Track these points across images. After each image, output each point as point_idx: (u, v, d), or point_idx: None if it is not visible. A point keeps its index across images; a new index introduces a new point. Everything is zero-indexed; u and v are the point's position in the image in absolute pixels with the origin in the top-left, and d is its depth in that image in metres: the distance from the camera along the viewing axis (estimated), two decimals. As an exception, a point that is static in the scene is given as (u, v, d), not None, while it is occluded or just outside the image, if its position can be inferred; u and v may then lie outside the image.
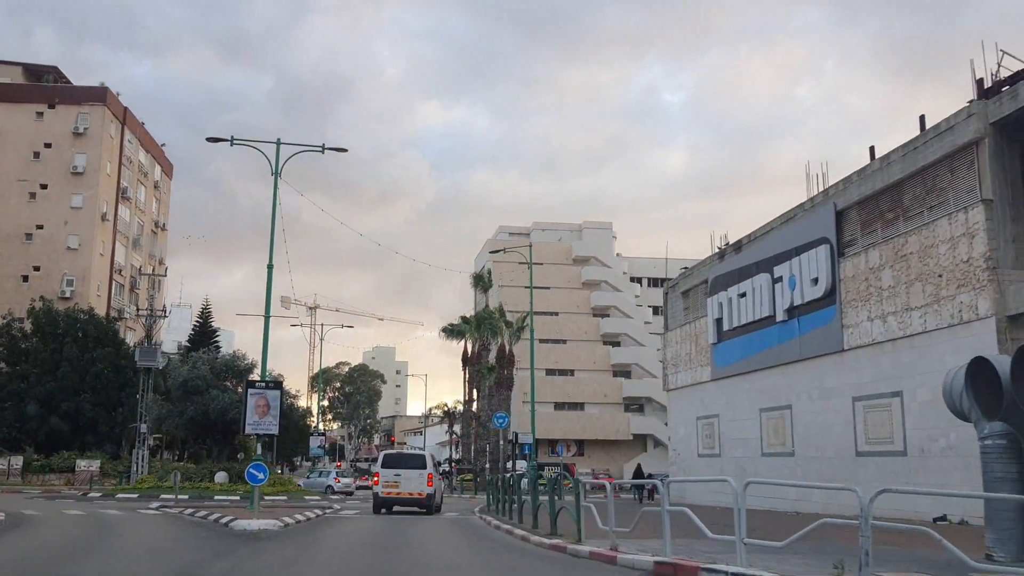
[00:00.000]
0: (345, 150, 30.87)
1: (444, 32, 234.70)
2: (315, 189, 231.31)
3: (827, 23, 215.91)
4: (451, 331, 70.70)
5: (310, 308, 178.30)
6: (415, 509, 26.78)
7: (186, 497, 37.69)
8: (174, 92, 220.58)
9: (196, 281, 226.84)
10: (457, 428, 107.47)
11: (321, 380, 66.72)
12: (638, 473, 43.54)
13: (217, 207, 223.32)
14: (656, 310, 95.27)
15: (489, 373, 62.53)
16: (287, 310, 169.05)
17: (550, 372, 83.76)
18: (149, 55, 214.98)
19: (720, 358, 34.06)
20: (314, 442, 60.23)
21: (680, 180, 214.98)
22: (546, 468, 59.67)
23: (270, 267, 29.48)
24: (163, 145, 78.04)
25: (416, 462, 27.26)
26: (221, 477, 42.79)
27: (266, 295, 29.10)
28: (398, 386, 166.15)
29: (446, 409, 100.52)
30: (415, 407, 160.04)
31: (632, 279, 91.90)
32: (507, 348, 60.80)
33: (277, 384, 29.80)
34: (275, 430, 29.47)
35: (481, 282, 63.81)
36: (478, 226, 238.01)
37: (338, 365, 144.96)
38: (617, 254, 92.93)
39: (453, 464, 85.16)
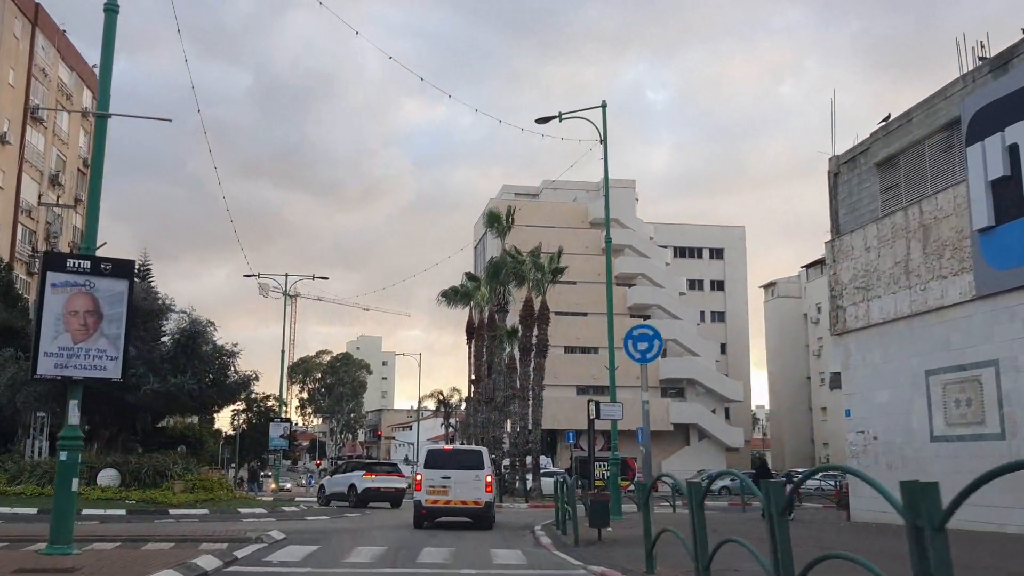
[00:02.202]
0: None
1: (426, 29, 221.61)
2: (298, 188, 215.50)
3: (809, 22, 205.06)
4: (454, 294, 53.75)
5: (291, 296, 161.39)
6: (463, 520, 20.27)
7: (33, 512, 21.03)
8: (150, 89, 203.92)
9: (176, 280, 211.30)
10: (453, 420, 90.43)
11: (285, 336, 49.67)
12: (762, 471, 27.14)
13: (195, 206, 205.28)
14: (693, 284, 78.70)
15: (510, 338, 45.67)
16: (264, 298, 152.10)
17: (570, 350, 66.95)
18: (125, 50, 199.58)
19: (1005, 254, 17.45)
20: (275, 430, 43.22)
21: (664, 178, 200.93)
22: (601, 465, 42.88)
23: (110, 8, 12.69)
24: (94, 67, 60.59)
25: (470, 460, 20.68)
26: (107, 477, 25.73)
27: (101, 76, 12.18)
28: (384, 378, 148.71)
29: (440, 398, 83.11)
30: (403, 401, 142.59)
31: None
32: (535, 302, 43.78)
33: (121, 267, 12.96)
34: (115, 373, 12.66)
35: (497, 223, 46.79)
36: (462, 224, 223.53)
37: (319, 354, 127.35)
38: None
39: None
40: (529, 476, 42.28)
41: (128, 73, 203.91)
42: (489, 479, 20.05)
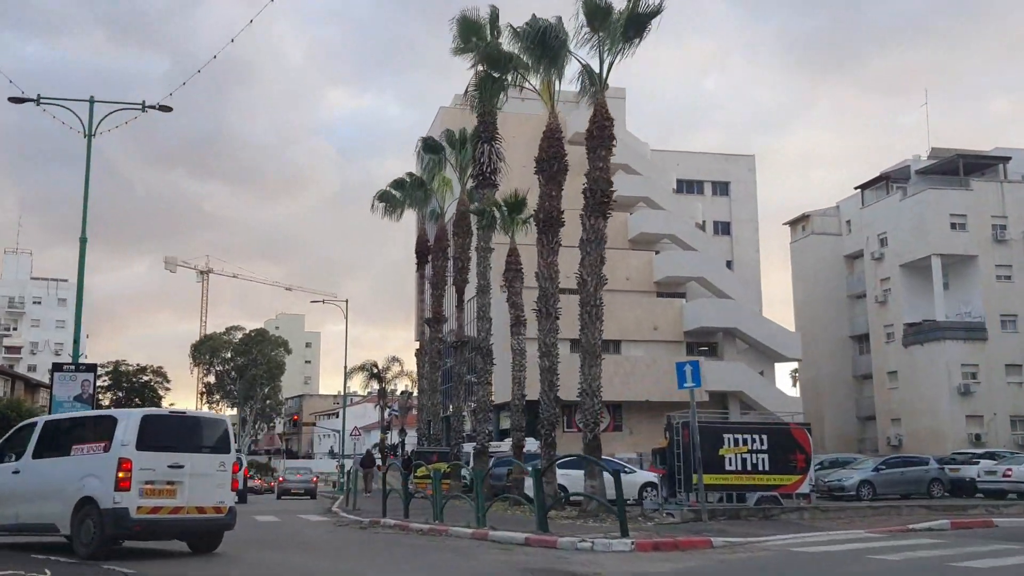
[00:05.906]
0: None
1: (349, 16, 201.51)
2: (214, 177, 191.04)
3: (734, 17, 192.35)
4: (398, 189, 32.80)
5: (201, 272, 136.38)
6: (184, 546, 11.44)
7: None
8: (64, 73, 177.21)
9: (88, 272, 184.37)
10: (395, 405, 68.75)
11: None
12: None
13: (110, 195, 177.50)
14: (717, 226, 58.54)
15: (509, 219, 24.55)
16: (173, 273, 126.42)
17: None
18: (38, 34, 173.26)
19: None
20: (63, 387, 20.76)
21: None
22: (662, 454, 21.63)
23: None
24: None
25: (212, 437, 11.39)
26: None
27: None
28: (308, 362, 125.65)
29: (375, 370, 61.17)
30: (330, 388, 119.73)
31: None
32: (564, 127, 22.62)
33: None
34: None
35: (476, 35, 25.63)
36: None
37: (228, 331, 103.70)
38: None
39: (403, 454, 48.18)
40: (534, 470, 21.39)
41: (41, 56, 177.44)
42: (237, 468, 12.00)
